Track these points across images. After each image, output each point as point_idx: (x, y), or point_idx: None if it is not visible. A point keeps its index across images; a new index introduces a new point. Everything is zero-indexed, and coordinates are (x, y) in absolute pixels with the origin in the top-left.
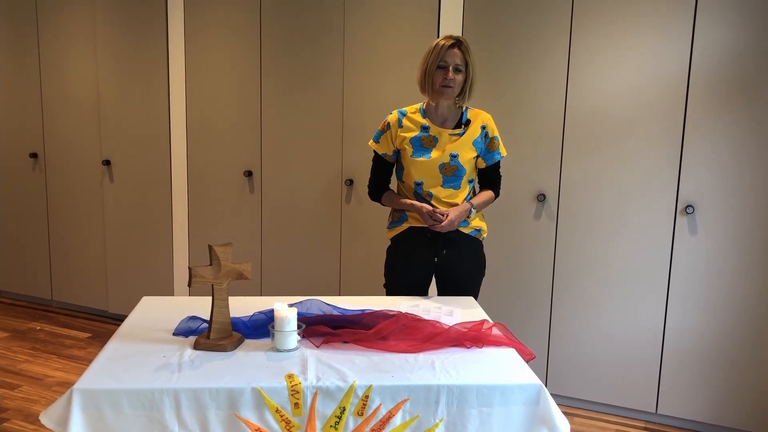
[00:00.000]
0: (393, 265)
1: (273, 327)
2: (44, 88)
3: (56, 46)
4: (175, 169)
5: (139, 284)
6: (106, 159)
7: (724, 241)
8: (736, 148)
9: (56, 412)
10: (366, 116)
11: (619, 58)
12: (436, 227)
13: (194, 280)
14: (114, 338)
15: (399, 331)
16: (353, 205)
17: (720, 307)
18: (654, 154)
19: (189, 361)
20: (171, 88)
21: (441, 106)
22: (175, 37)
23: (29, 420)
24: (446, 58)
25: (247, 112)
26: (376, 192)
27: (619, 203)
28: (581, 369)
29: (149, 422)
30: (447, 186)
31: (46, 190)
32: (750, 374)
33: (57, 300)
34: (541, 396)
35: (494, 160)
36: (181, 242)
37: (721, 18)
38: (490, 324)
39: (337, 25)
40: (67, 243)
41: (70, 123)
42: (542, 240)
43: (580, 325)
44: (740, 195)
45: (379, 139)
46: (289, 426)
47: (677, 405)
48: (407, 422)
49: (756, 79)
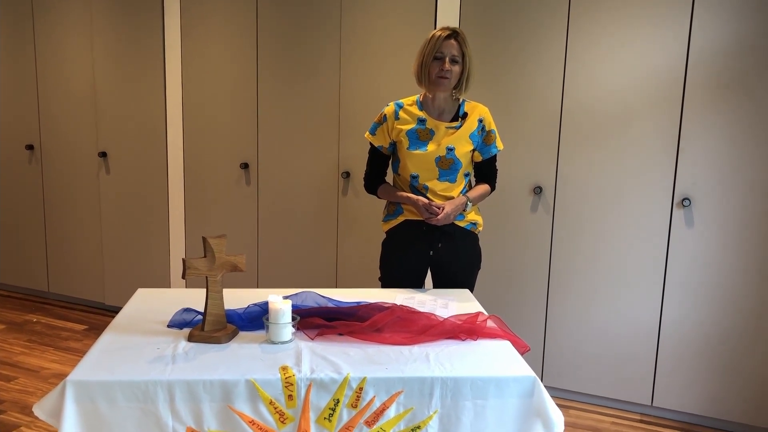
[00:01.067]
0: (388, 258)
1: (267, 319)
2: (40, 80)
3: (53, 38)
4: (172, 161)
5: (135, 276)
6: (102, 151)
7: (721, 234)
8: (732, 142)
9: (50, 404)
10: (363, 108)
11: (617, 51)
12: (432, 220)
13: (188, 272)
14: (108, 330)
15: (394, 323)
16: (350, 198)
17: (716, 299)
18: (651, 147)
19: (183, 353)
20: (167, 79)
21: (438, 99)
22: (171, 29)
23: (25, 412)
24: (443, 49)
25: (244, 104)
26: (372, 184)
27: (616, 196)
28: (577, 361)
29: (143, 414)
30: (443, 179)
31: (43, 182)
32: (745, 367)
33: (53, 292)
34: (535, 388)
35: (491, 154)
36: (177, 234)
37: (718, 12)
38: (485, 316)
39: (333, 17)
40: (63, 235)
41: (67, 114)
42: (538, 233)
43: (575, 318)
44: (737, 188)
45: (376, 131)
46: (283, 418)
47: (672, 397)
48: (401, 414)
49: (753, 73)
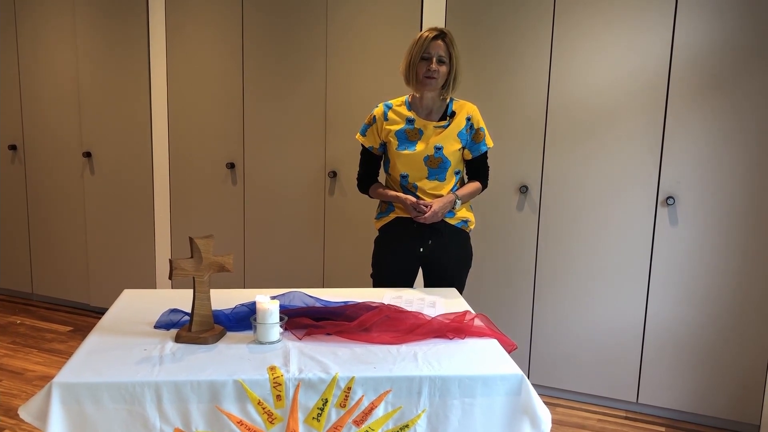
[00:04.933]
0: (380, 256)
1: (255, 319)
2: (23, 79)
3: (35, 37)
4: (157, 161)
5: (120, 277)
6: (86, 151)
7: (705, 232)
8: (716, 140)
9: (35, 407)
10: (349, 108)
11: (601, 51)
12: (420, 218)
13: (175, 272)
14: (94, 332)
15: (382, 322)
16: (337, 197)
17: (700, 297)
18: (635, 146)
19: (170, 354)
20: (152, 79)
21: (426, 98)
22: (156, 28)
23: (9, 414)
24: (430, 50)
25: (230, 104)
26: (364, 185)
27: (601, 195)
28: (563, 359)
29: (130, 416)
30: (432, 178)
31: (26, 183)
32: (729, 363)
33: (37, 293)
34: (522, 386)
35: (480, 152)
36: (163, 235)
37: (700, 14)
38: (472, 315)
39: (320, 17)
40: (47, 236)
41: (50, 114)
42: (524, 231)
43: (561, 316)
44: (720, 187)
45: (366, 132)
46: (272, 418)
47: (658, 394)
48: (389, 413)
49: (736, 72)
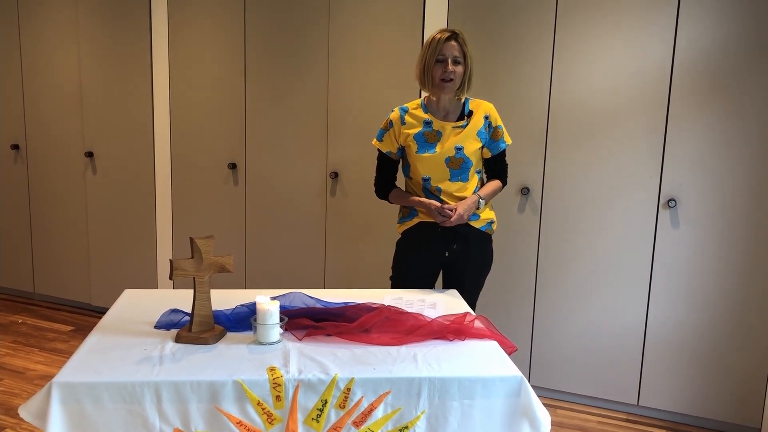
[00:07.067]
0: (402, 259)
1: (255, 320)
2: (26, 79)
3: (38, 37)
4: (159, 161)
5: (122, 277)
6: (88, 151)
7: (706, 234)
8: (718, 143)
9: (35, 406)
10: (351, 109)
11: (603, 53)
12: (446, 223)
13: (175, 272)
14: (95, 331)
15: (382, 323)
16: (338, 198)
17: (701, 299)
18: (637, 149)
19: (170, 354)
20: (154, 79)
21: (442, 100)
22: (158, 29)
23: (10, 414)
24: (444, 51)
25: (232, 104)
26: (383, 190)
27: (602, 197)
28: (564, 361)
29: (130, 416)
30: (455, 180)
31: (28, 182)
32: (731, 366)
33: (39, 293)
34: (522, 388)
35: (500, 149)
36: (164, 235)
37: (703, 14)
38: (472, 317)
39: (322, 18)
40: (49, 235)
41: (53, 114)
42: (526, 233)
43: (562, 318)
44: (722, 189)
45: (383, 137)
46: (271, 419)
47: (659, 396)
48: (389, 415)
49: (738, 74)
